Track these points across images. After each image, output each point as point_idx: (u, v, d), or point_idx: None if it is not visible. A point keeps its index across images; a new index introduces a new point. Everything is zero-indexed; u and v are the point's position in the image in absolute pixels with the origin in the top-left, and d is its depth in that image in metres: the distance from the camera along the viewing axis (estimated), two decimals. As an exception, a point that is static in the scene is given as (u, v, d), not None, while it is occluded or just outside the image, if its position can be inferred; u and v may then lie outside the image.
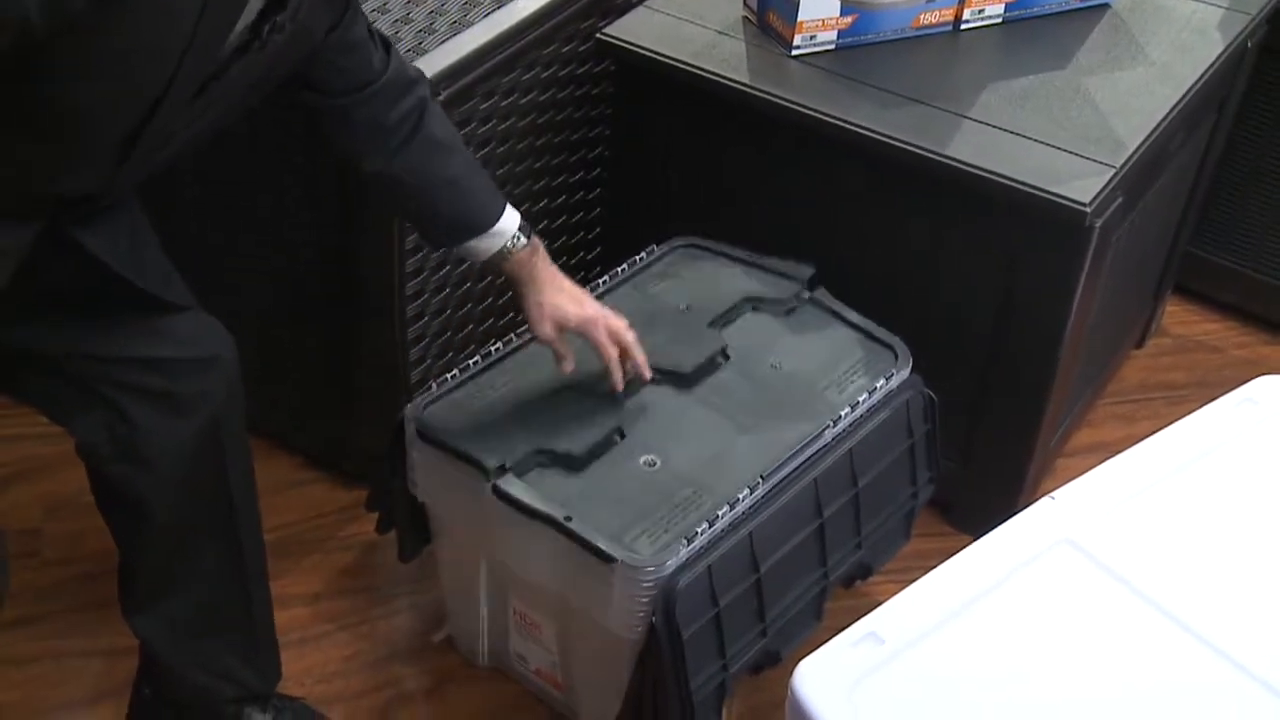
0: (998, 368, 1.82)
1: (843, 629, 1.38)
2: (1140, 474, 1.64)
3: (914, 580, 1.43)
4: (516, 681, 1.75)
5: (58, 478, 1.95)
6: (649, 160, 1.96)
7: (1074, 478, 1.54)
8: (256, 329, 1.93)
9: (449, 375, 1.65)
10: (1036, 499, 1.54)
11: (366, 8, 1.84)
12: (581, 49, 1.98)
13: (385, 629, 1.82)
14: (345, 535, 1.92)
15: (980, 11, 1.94)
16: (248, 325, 1.92)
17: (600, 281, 1.79)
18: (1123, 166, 1.70)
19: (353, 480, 1.97)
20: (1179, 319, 2.36)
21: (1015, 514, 1.53)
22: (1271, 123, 2.17)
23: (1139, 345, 2.31)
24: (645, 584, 1.44)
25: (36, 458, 1.99)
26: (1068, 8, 1.98)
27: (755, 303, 1.77)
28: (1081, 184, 1.67)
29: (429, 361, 1.93)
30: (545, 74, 1.94)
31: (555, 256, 2.12)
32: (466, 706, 1.74)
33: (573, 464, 1.55)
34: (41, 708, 1.69)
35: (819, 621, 1.64)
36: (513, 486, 1.52)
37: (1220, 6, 2.00)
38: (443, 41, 1.79)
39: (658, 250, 1.84)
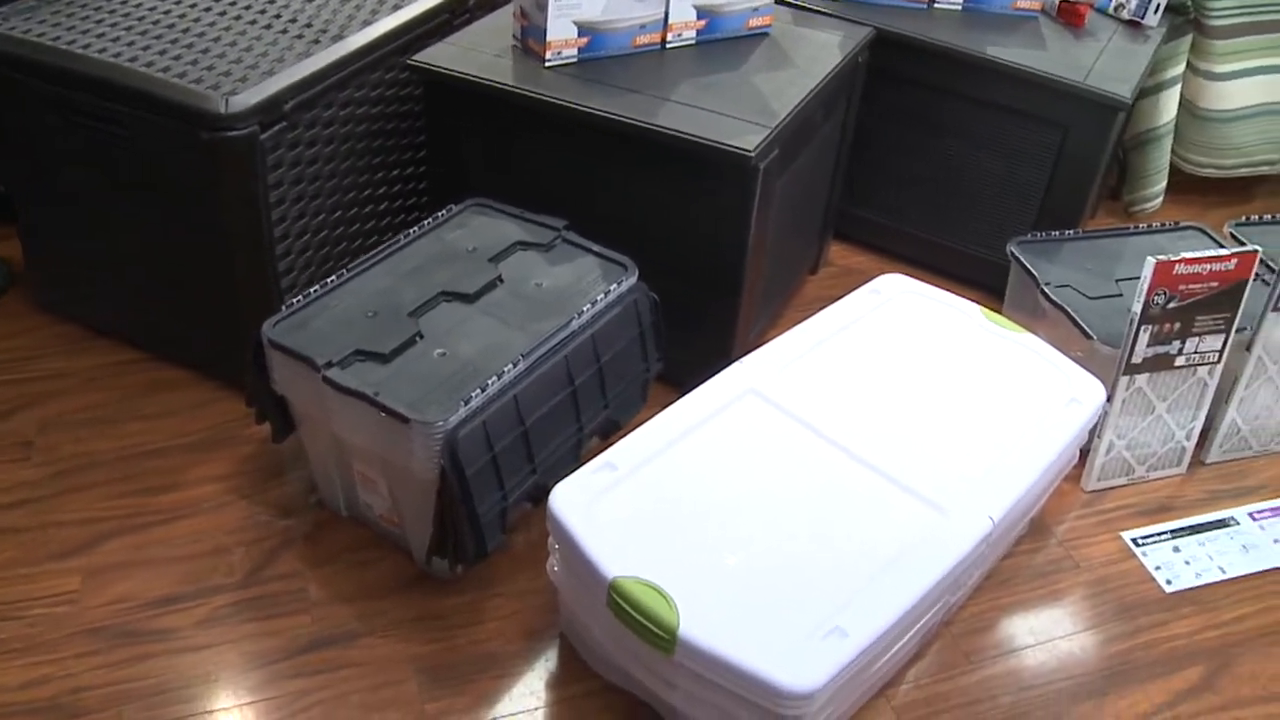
0: (705, 278, 1.58)
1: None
2: (801, 343, 1.44)
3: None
4: (368, 525, 1.47)
5: (45, 407, 1.64)
6: (452, 147, 1.68)
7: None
8: (175, 290, 1.61)
9: (296, 300, 1.35)
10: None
11: (228, 39, 1.54)
12: (402, 75, 1.69)
13: (276, 495, 1.53)
14: (248, 434, 1.62)
15: (680, 35, 1.69)
16: (169, 288, 1.61)
17: (410, 231, 1.50)
18: (776, 127, 1.47)
19: (253, 394, 1.65)
20: (840, 255, 2.17)
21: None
22: (879, 116, 1.97)
23: (813, 272, 2.11)
24: (435, 436, 1.18)
25: (31, 394, 1.66)
26: (740, 35, 1.75)
27: (523, 244, 1.50)
28: (748, 138, 1.43)
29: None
30: (374, 92, 1.65)
31: (392, 222, 1.84)
32: (335, 544, 1.46)
33: (382, 359, 1.28)
34: (34, 559, 1.42)
35: (577, 463, 1.38)
36: (337, 375, 1.24)
37: (839, 34, 1.79)
38: (294, 64, 1.49)
39: (454, 209, 1.56)
